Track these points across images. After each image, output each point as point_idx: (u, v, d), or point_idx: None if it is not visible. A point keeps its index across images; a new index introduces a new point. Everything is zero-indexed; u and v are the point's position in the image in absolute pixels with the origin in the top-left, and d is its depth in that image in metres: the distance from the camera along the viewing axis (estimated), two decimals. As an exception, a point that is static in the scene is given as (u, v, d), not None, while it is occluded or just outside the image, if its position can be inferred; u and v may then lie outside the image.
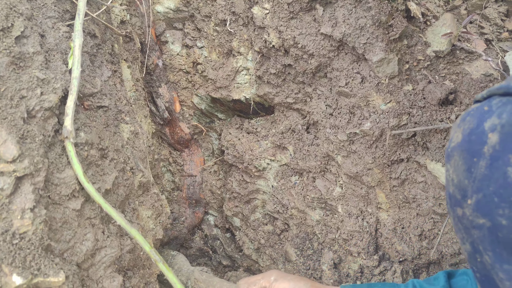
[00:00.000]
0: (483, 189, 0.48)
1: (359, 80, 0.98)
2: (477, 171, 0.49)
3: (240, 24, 1.13)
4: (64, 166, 0.68)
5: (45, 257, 0.60)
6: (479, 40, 0.97)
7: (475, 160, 0.49)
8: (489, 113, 0.48)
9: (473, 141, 0.50)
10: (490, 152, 0.47)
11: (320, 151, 1.10)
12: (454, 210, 0.54)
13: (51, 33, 0.74)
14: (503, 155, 0.46)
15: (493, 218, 0.47)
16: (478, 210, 0.49)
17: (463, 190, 0.51)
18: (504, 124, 0.46)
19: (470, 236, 0.52)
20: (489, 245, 0.49)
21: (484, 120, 0.49)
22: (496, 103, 0.49)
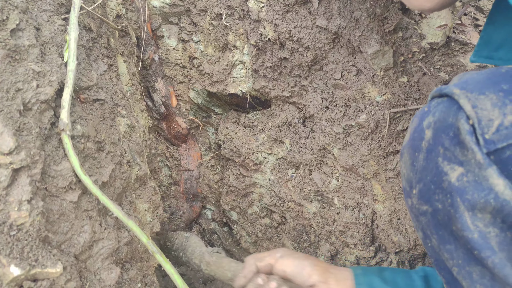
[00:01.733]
0: (423, 178, 0.55)
1: (354, 72, 0.98)
2: (418, 164, 0.55)
3: (236, 18, 1.13)
4: (60, 158, 0.68)
5: (42, 248, 0.60)
6: (474, 32, 0.98)
7: (416, 155, 0.56)
8: (427, 113, 0.55)
9: (415, 138, 0.56)
10: (426, 146, 0.54)
11: (316, 144, 1.10)
12: (407, 201, 0.61)
13: (46, 26, 0.74)
14: (435, 148, 0.53)
15: (432, 203, 0.54)
16: (421, 198, 0.56)
17: (410, 182, 0.58)
18: (436, 121, 0.53)
19: (419, 223, 0.58)
20: (433, 228, 0.55)
21: (423, 119, 0.55)
22: (433, 104, 0.55)
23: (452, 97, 0.52)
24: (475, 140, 0.48)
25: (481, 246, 0.49)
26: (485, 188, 0.48)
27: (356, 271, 0.86)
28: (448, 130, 0.51)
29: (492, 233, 0.49)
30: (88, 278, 0.69)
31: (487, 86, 0.51)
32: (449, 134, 0.51)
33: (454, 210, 0.51)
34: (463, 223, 0.50)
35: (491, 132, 0.48)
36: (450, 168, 0.51)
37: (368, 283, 0.83)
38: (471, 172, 0.49)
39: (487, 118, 0.48)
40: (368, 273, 0.85)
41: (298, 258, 0.88)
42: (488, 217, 0.48)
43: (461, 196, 0.50)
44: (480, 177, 0.48)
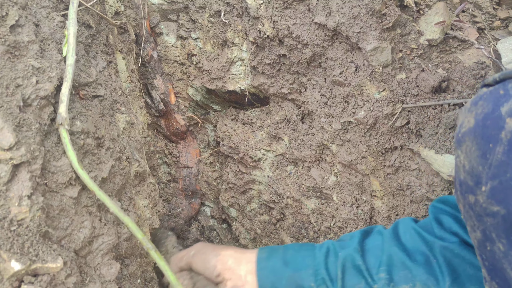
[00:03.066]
0: (500, 175, 0.47)
1: (353, 69, 0.99)
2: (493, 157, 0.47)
3: (235, 15, 1.13)
4: (60, 154, 0.68)
5: (43, 243, 0.61)
6: (472, 28, 0.98)
7: (491, 146, 0.48)
8: (506, 97, 0.47)
9: (488, 126, 0.48)
10: (508, 138, 0.46)
11: (315, 140, 1.11)
12: (465, 197, 0.53)
13: (45, 23, 0.74)
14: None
15: (508, 205, 0.46)
16: (493, 197, 0.48)
17: (477, 177, 0.50)
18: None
19: (482, 224, 0.51)
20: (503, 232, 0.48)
21: (501, 105, 0.47)
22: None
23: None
24: None
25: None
26: None
27: (261, 254, 0.84)
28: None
29: None
30: (88, 274, 0.69)
31: None
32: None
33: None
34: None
35: None
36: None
37: (270, 268, 0.81)
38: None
39: None
40: (271, 256, 0.84)
41: (205, 253, 0.87)
42: None
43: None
44: None
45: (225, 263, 0.85)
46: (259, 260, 0.84)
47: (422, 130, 0.94)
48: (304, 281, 0.78)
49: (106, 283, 0.71)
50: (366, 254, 0.77)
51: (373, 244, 0.78)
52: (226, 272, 0.84)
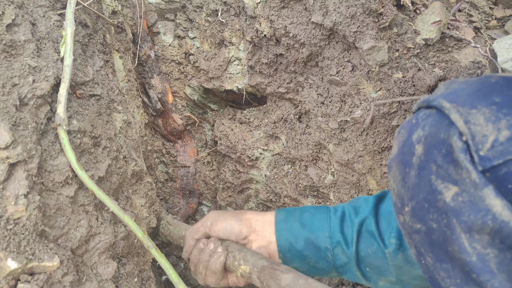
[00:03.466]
0: (415, 196, 0.52)
1: (349, 68, 0.99)
2: (409, 180, 0.53)
3: (232, 14, 1.13)
4: (57, 153, 0.68)
5: (39, 242, 0.61)
6: (468, 28, 0.98)
7: (407, 171, 0.53)
8: (416, 126, 0.52)
9: (405, 152, 0.54)
10: (417, 162, 0.51)
11: (312, 139, 1.11)
12: (398, 217, 0.58)
13: (42, 22, 0.74)
14: (427, 165, 0.50)
15: (426, 222, 0.51)
16: (414, 216, 0.53)
17: (401, 199, 0.55)
18: (427, 136, 0.50)
19: (413, 241, 0.55)
20: (428, 247, 0.53)
21: (412, 133, 0.53)
22: (421, 116, 0.53)
23: (442, 111, 0.50)
24: (469, 158, 0.46)
25: (480, 270, 0.47)
26: (482, 209, 0.45)
27: (278, 217, 0.90)
28: (440, 147, 0.49)
29: (491, 254, 0.46)
30: (85, 272, 0.69)
31: (478, 98, 0.48)
32: (442, 151, 0.49)
33: (451, 231, 0.48)
34: (460, 246, 0.48)
35: (486, 148, 0.46)
36: (444, 187, 0.48)
37: (287, 229, 0.87)
38: (466, 192, 0.47)
39: (481, 134, 0.46)
40: (289, 217, 0.89)
41: (226, 220, 0.93)
42: (486, 238, 0.46)
43: (457, 217, 0.47)
44: (476, 198, 0.46)
45: (249, 226, 0.91)
46: (277, 222, 0.89)
47: (418, 129, 0.94)
48: (320, 242, 0.84)
49: (103, 282, 0.71)
50: (379, 219, 0.82)
51: (386, 209, 0.83)
52: (251, 234, 0.90)
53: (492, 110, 0.47)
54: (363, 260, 0.82)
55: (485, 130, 0.46)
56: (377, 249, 0.80)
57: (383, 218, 0.82)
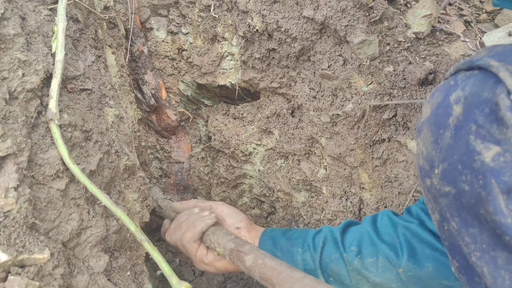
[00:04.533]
0: (448, 158, 0.51)
1: (341, 62, 0.99)
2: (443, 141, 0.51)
3: (224, 9, 1.13)
4: (47, 147, 0.68)
5: (30, 235, 0.61)
6: (458, 21, 0.99)
7: (441, 132, 0.52)
8: (454, 87, 0.51)
9: (440, 113, 0.52)
10: (454, 123, 0.50)
11: (304, 134, 1.11)
12: (424, 181, 0.57)
13: (32, 16, 0.74)
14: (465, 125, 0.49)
15: (457, 185, 0.50)
16: (444, 179, 0.52)
17: (431, 161, 0.54)
18: (467, 96, 0.49)
19: (438, 205, 0.55)
20: (455, 211, 0.52)
21: (450, 94, 0.51)
22: (461, 77, 0.51)
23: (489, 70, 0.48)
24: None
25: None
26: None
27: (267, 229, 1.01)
28: (483, 106, 0.47)
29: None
30: (76, 265, 0.69)
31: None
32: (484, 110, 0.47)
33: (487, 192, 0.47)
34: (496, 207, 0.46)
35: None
36: (484, 147, 0.47)
37: (270, 237, 0.97)
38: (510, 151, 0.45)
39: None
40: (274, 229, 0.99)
41: (234, 208, 1.04)
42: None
43: (497, 177, 0.46)
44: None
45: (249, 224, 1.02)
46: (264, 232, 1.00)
47: (409, 122, 0.95)
48: (294, 247, 0.92)
49: (95, 275, 0.72)
50: (345, 234, 0.90)
51: (353, 228, 0.91)
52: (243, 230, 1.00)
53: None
54: (326, 267, 0.88)
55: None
56: (339, 255, 0.86)
57: (349, 233, 0.89)
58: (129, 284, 0.81)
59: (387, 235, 0.84)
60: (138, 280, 0.88)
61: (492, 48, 0.53)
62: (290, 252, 0.91)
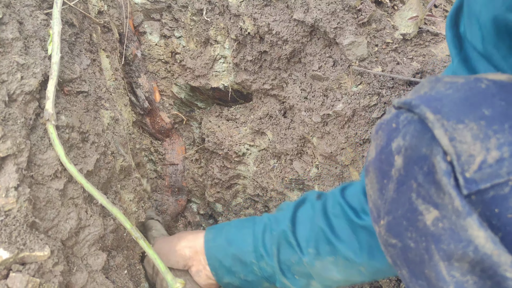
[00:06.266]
0: (393, 211, 0.49)
1: (331, 63, 1.02)
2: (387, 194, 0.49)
3: (216, 13, 1.16)
4: (46, 148, 0.70)
5: (30, 233, 0.62)
6: (444, 23, 1.02)
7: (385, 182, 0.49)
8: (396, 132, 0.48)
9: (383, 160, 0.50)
10: (396, 176, 0.48)
11: (296, 134, 1.14)
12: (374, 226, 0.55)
13: (29, 21, 0.76)
14: (407, 180, 0.46)
15: (403, 239, 0.48)
16: (390, 231, 0.50)
17: (377, 210, 0.52)
18: (407, 147, 0.46)
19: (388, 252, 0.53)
20: (404, 262, 0.50)
21: (392, 140, 0.48)
22: (402, 120, 0.48)
23: (425, 122, 0.45)
24: (453, 182, 0.42)
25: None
26: (464, 239, 0.42)
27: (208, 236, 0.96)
28: (421, 163, 0.44)
29: (470, 281, 0.43)
30: (75, 263, 0.71)
31: (466, 111, 0.44)
32: (423, 169, 0.44)
33: (429, 256, 0.45)
34: (438, 273, 0.45)
35: (473, 170, 0.42)
36: (425, 208, 0.45)
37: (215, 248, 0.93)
38: (448, 218, 0.43)
39: (468, 154, 0.42)
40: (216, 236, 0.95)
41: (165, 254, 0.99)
42: (466, 266, 0.43)
43: (436, 244, 0.44)
44: (458, 226, 0.42)
45: (183, 255, 0.97)
46: (206, 241, 0.95)
47: (398, 121, 0.97)
48: (246, 257, 0.89)
49: (93, 273, 0.73)
50: (297, 228, 0.85)
51: (303, 217, 0.85)
52: (188, 261, 0.97)
53: (481, 126, 0.42)
54: (288, 270, 0.86)
55: (472, 149, 0.42)
56: (298, 259, 0.83)
57: (301, 225, 0.84)
58: (126, 282, 0.83)
59: (342, 230, 0.80)
60: (135, 278, 0.90)
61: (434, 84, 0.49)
62: (243, 264, 0.90)
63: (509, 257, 0.40)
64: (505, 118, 0.42)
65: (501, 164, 0.41)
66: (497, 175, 0.41)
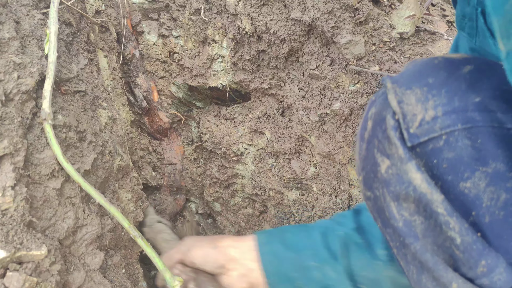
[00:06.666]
0: (365, 167, 0.58)
1: (328, 62, 1.02)
2: (362, 153, 0.59)
3: (214, 12, 1.16)
4: (43, 147, 0.70)
5: (27, 232, 0.63)
6: (441, 21, 1.02)
7: (361, 144, 0.59)
8: (373, 103, 0.57)
9: (362, 127, 0.59)
10: (367, 137, 0.57)
11: (294, 133, 1.14)
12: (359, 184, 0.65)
13: (26, 20, 0.76)
14: (372, 139, 0.55)
15: (373, 190, 0.57)
16: (365, 185, 0.59)
17: (358, 169, 0.61)
18: (375, 113, 0.55)
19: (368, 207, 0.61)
20: (376, 212, 0.58)
21: (369, 109, 0.58)
22: (379, 93, 0.57)
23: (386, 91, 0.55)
24: (398, 135, 0.51)
25: (405, 234, 0.52)
26: (405, 181, 0.50)
27: (260, 239, 0.86)
28: (382, 123, 0.53)
29: (417, 221, 0.51)
30: (73, 262, 0.71)
31: (415, 79, 0.53)
32: (382, 127, 0.53)
33: (383, 199, 0.54)
34: (390, 212, 0.53)
35: (415, 126, 0.50)
36: (381, 160, 0.53)
37: (272, 252, 0.83)
38: (395, 165, 0.51)
39: (412, 113, 0.51)
40: (271, 240, 0.86)
41: (202, 246, 0.89)
42: (412, 206, 0.51)
43: (387, 187, 0.53)
44: (401, 171, 0.51)
45: (227, 254, 0.86)
46: (260, 245, 0.85)
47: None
48: (307, 261, 0.81)
49: (91, 272, 0.73)
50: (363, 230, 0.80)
51: (367, 221, 0.81)
52: (229, 263, 0.86)
53: (423, 91, 0.51)
54: (355, 274, 0.78)
55: (415, 109, 0.51)
56: (369, 261, 0.77)
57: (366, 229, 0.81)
58: (124, 282, 0.83)
59: None
60: (133, 278, 0.90)
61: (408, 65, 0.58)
62: (304, 268, 0.81)
63: (440, 196, 0.48)
64: (443, 85, 0.51)
65: (435, 121, 0.49)
66: (433, 130, 0.49)
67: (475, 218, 0.48)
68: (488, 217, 0.48)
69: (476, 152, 0.48)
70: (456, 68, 0.52)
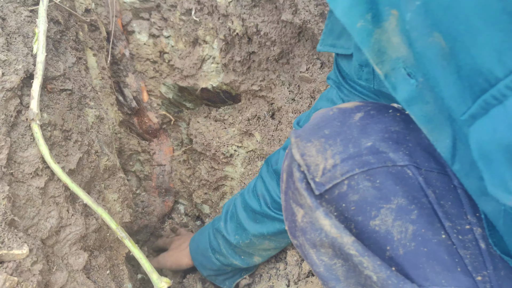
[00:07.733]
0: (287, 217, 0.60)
1: (319, 65, 1.02)
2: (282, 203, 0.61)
3: (205, 13, 1.15)
4: (27, 145, 0.69)
5: (8, 231, 0.61)
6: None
7: (281, 195, 0.61)
8: (286, 156, 0.60)
9: (280, 179, 0.61)
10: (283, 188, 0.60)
11: (284, 135, 1.14)
12: None
13: (12, 17, 0.75)
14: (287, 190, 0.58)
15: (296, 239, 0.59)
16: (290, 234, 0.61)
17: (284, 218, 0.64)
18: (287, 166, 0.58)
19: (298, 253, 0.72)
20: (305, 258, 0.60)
21: (284, 162, 0.60)
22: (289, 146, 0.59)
23: None
24: (305, 185, 0.53)
25: (327, 278, 0.55)
26: (318, 228, 0.52)
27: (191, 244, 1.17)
28: (292, 176, 0.56)
29: (337, 264, 0.53)
30: (56, 262, 0.70)
31: (313, 132, 0.56)
32: (292, 179, 0.56)
33: (303, 247, 0.56)
34: (311, 259, 0.56)
35: (319, 175, 0.53)
36: (297, 210, 0.56)
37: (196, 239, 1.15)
38: (308, 214, 0.54)
39: (314, 164, 0.53)
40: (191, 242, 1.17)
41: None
42: (330, 251, 0.53)
43: (305, 235, 0.55)
44: (313, 218, 0.53)
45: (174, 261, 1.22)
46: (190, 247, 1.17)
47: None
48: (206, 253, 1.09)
49: (74, 272, 0.72)
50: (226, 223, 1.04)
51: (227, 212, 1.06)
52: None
53: (321, 142, 0.55)
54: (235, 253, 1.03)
55: (317, 160, 0.54)
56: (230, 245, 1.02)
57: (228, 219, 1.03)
58: (108, 283, 0.82)
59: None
60: (118, 279, 0.89)
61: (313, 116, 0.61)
62: (208, 258, 1.08)
63: (351, 238, 0.50)
64: (338, 134, 0.55)
65: (336, 168, 0.52)
66: (335, 177, 0.52)
67: (391, 252, 0.50)
68: (401, 249, 0.50)
69: (377, 191, 0.51)
70: (348, 117, 0.56)
